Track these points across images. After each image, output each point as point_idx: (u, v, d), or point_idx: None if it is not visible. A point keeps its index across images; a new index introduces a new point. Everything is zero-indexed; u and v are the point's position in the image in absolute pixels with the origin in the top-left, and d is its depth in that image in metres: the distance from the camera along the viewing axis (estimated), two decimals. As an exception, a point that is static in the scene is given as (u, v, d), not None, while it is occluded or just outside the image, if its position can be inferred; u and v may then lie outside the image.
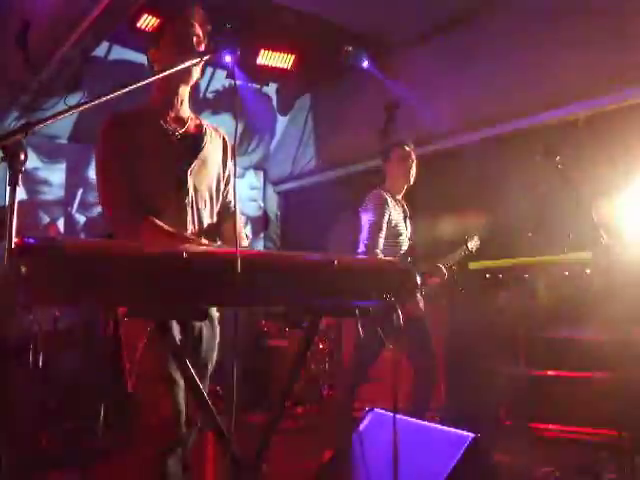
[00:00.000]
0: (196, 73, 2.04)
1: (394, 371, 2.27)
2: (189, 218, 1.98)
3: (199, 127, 2.12)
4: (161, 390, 1.83)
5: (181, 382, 1.84)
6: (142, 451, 1.87)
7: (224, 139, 2.19)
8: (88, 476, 3.55)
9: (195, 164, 2.02)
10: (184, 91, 2.07)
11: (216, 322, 2.08)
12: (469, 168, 5.30)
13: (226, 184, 2.16)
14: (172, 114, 2.05)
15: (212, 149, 2.11)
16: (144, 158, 1.95)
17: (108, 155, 1.95)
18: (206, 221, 2.05)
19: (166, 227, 1.87)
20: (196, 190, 2.01)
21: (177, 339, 1.82)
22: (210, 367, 2.07)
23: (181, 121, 2.07)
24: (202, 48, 2.00)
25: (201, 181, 2.03)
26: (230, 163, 2.17)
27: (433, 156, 5.54)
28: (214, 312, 2.07)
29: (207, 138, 2.10)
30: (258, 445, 1.61)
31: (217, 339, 2.08)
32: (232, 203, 2.17)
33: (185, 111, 2.10)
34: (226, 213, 2.15)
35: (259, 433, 1.64)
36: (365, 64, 5.84)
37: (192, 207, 2.00)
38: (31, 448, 3.81)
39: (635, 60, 4.27)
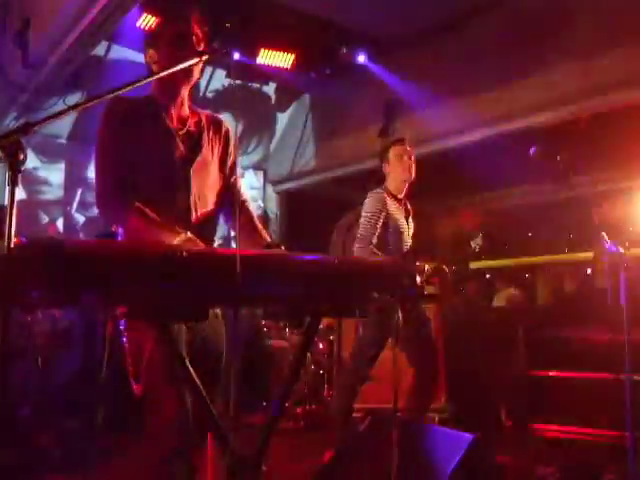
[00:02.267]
0: (196, 73, 2.04)
1: (394, 371, 2.27)
2: (192, 217, 1.98)
3: (199, 124, 2.11)
4: (168, 392, 1.82)
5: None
6: (150, 453, 1.86)
7: (227, 131, 2.17)
8: (88, 476, 3.55)
9: (196, 163, 2.02)
10: (185, 91, 2.07)
11: (220, 320, 2.07)
12: (469, 168, 5.30)
13: (231, 173, 2.14)
14: (174, 113, 2.05)
15: (212, 146, 2.10)
16: (145, 153, 1.95)
17: (106, 141, 1.95)
18: (208, 219, 2.05)
19: (153, 216, 1.86)
20: (197, 189, 2.01)
21: (182, 339, 1.82)
22: (211, 367, 2.05)
23: (182, 120, 2.07)
24: (201, 48, 1.99)
25: (202, 180, 2.03)
26: (234, 153, 2.16)
27: (433, 156, 5.54)
28: (218, 311, 2.06)
29: (206, 136, 2.09)
30: (258, 445, 1.61)
31: (223, 338, 2.07)
32: (245, 200, 2.17)
33: (185, 110, 2.09)
34: (242, 214, 2.13)
35: (259, 433, 1.63)
36: (362, 58, 5.85)
37: (194, 206, 2.00)
38: (31, 448, 3.81)
39: (635, 61, 4.27)
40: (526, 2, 4.93)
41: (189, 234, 1.80)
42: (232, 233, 2.20)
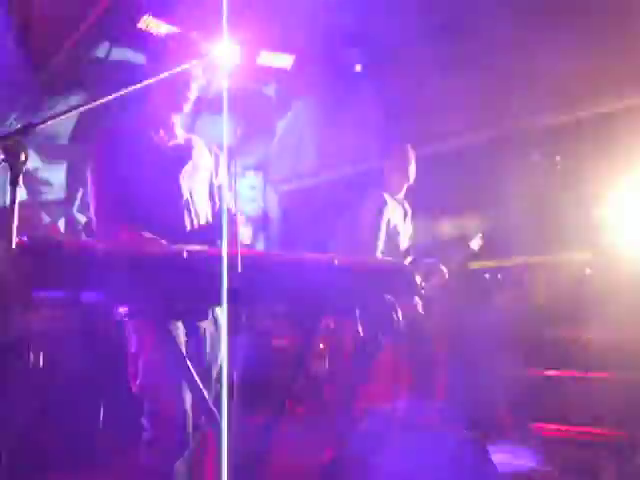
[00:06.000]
0: (186, 107, 2.11)
1: (394, 371, 2.27)
2: (186, 220, 2.02)
3: (189, 141, 2.21)
4: (167, 392, 1.83)
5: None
6: (149, 454, 1.87)
7: (216, 155, 2.26)
8: (88, 476, 3.55)
9: (187, 168, 2.08)
10: (175, 118, 2.16)
11: (221, 323, 2.08)
12: (469, 168, 5.31)
13: (219, 190, 2.23)
14: (163, 134, 2.13)
15: (201, 156, 2.19)
16: (138, 171, 2.02)
17: (98, 170, 2.05)
18: (203, 222, 2.09)
19: (146, 235, 1.89)
20: (191, 193, 2.07)
21: (181, 341, 1.83)
22: (215, 368, 2.07)
23: (172, 138, 2.15)
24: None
25: (195, 184, 2.10)
26: (223, 173, 2.24)
27: (433, 156, 5.54)
28: (219, 313, 2.07)
29: (196, 146, 2.17)
30: (258, 445, 1.61)
31: (223, 341, 2.08)
32: (229, 205, 2.22)
33: (176, 133, 2.18)
34: (225, 215, 2.18)
35: (259, 433, 1.64)
36: (362, 59, 5.85)
37: (189, 209, 2.04)
38: (31, 448, 3.80)
39: (635, 61, 4.28)
40: (527, 4, 4.93)
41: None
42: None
